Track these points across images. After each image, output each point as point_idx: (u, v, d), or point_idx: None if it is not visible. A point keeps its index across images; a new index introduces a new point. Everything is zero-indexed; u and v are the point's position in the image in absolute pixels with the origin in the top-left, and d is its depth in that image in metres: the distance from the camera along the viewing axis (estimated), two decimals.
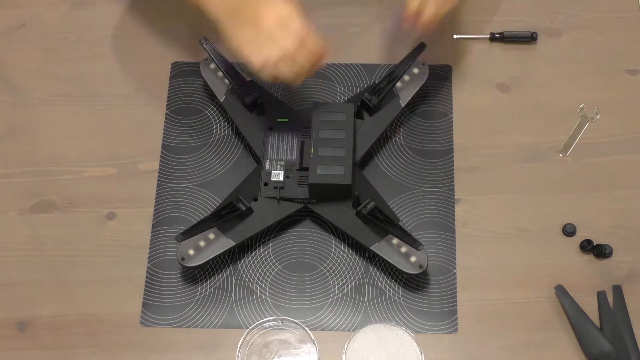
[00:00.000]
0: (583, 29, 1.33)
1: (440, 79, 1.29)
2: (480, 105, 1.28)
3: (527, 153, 1.24)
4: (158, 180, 1.23)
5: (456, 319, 1.14)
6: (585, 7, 1.35)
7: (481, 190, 1.22)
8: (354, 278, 1.17)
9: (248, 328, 1.12)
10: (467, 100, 1.28)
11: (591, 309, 1.13)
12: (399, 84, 1.23)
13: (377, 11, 1.35)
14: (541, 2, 1.36)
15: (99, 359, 1.13)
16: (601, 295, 1.14)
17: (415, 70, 1.24)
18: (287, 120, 1.21)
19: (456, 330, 1.14)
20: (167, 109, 1.29)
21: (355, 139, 1.17)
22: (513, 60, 1.31)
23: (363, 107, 1.22)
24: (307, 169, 1.16)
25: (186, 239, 1.13)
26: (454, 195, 1.21)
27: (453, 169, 1.23)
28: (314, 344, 1.10)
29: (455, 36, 1.33)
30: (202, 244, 1.14)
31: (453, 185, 1.22)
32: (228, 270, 1.18)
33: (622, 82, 1.29)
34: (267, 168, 1.18)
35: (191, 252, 1.13)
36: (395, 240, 1.13)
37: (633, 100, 1.28)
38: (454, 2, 1.16)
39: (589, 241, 1.17)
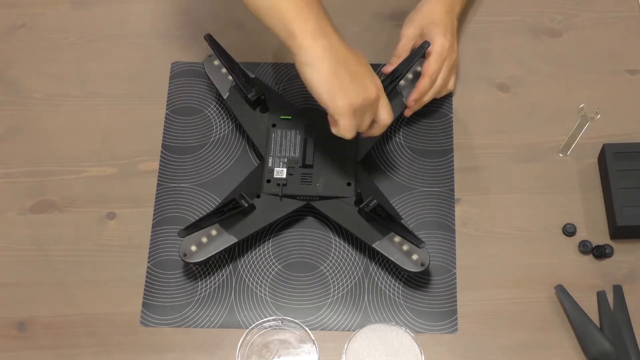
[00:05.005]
0: (583, 29, 1.33)
1: None
2: (480, 105, 1.28)
3: (527, 153, 1.24)
4: (158, 180, 1.23)
5: (456, 318, 1.14)
6: (585, 7, 1.35)
7: (481, 190, 1.22)
8: (354, 278, 1.17)
9: (248, 328, 1.12)
10: (467, 100, 1.28)
11: (591, 309, 1.13)
12: (402, 82, 1.23)
13: (377, 11, 1.35)
14: (541, 2, 1.36)
15: (99, 359, 1.13)
16: (601, 295, 1.14)
17: (419, 69, 1.24)
18: (290, 117, 1.21)
19: (456, 330, 1.13)
20: (167, 109, 1.29)
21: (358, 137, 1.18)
22: (513, 60, 1.31)
23: None
24: (309, 166, 1.16)
25: (188, 235, 1.13)
26: (454, 195, 1.21)
27: (453, 169, 1.23)
28: (314, 344, 1.10)
29: None
30: (204, 240, 1.14)
31: (453, 185, 1.22)
32: (228, 270, 1.18)
33: (622, 82, 1.29)
34: (270, 165, 1.18)
35: (193, 248, 1.13)
36: (397, 238, 1.13)
37: (633, 100, 1.28)
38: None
39: (589, 241, 1.17)
